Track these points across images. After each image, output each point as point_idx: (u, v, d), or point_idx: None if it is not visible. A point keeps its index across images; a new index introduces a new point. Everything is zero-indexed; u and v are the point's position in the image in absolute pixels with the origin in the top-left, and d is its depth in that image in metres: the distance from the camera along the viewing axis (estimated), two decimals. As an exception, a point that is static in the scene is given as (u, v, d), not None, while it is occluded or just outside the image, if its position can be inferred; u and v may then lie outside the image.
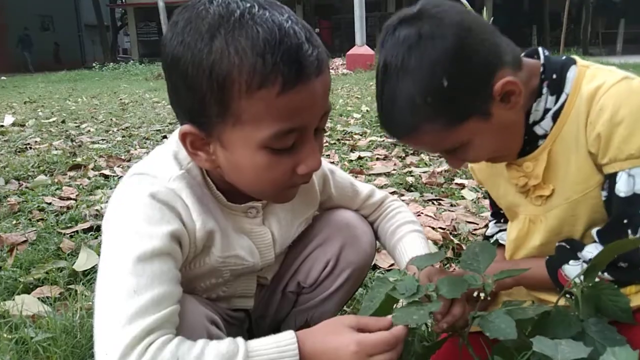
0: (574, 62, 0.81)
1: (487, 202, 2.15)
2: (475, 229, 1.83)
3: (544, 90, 0.80)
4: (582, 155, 0.78)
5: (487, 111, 0.76)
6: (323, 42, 0.74)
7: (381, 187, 2.37)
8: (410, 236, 1.02)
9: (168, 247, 0.72)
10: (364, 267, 1.02)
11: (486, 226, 1.13)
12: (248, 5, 0.69)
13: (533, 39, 16.17)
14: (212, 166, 0.77)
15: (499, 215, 1.05)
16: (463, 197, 2.20)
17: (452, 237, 1.72)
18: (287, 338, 0.70)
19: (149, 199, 0.74)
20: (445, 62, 0.71)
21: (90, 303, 1.23)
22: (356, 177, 2.57)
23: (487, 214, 1.98)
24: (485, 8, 10.67)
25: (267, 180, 0.76)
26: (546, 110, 0.80)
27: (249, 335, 0.96)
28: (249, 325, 1.02)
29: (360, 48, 10.63)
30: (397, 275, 0.80)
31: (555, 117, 0.80)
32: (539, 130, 0.82)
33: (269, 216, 0.90)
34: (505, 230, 1.01)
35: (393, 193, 2.29)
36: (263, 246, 0.90)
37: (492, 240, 1.04)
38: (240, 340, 0.69)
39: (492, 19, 10.24)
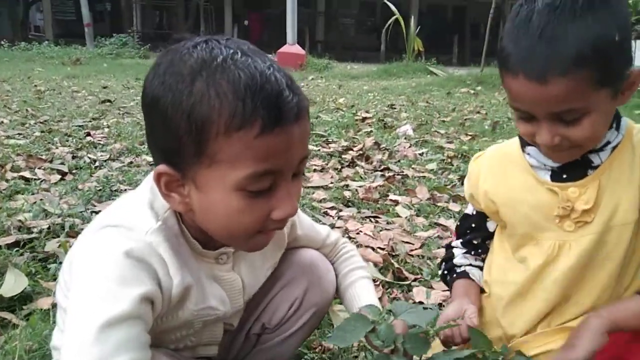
0: None
1: (420, 220, 2.26)
2: (411, 250, 1.91)
3: (614, 124, 0.89)
4: (630, 192, 0.88)
5: (617, 90, 0.82)
6: (253, 37, 0.75)
7: (320, 201, 2.42)
8: (362, 282, 1.07)
9: (138, 310, 0.70)
10: (326, 306, 1.05)
11: (448, 248, 1.15)
12: (231, 51, 0.71)
13: (454, 48, 16.97)
14: (185, 209, 0.76)
15: (471, 245, 1.08)
16: (398, 215, 2.29)
17: (391, 260, 1.78)
18: None
19: (123, 257, 0.72)
20: (625, 21, 0.79)
21: (30, 343, 1.16)
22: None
23: (422, 233, 2.08)
24: (412, 16, 11.09)
25: (240, 225, 0.75)
26: (607, 143, 0.89)
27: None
28: None
29: (292, 47, 10.65)
30: (376, 315, 0.83)
31: (611, 152, 0.89)
32: (595, 159, 0.89)
33: (239, 261, 0.90)
34: (474, 266, 1.06)
35: (332, 208, 2.34)
36: (233, 292, 0.90)
37: (459, 270, 1.07)
38: None
39: (419, 27, 10.62)
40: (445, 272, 1.11)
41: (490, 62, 10.02)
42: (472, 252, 1.09)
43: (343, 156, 3.23)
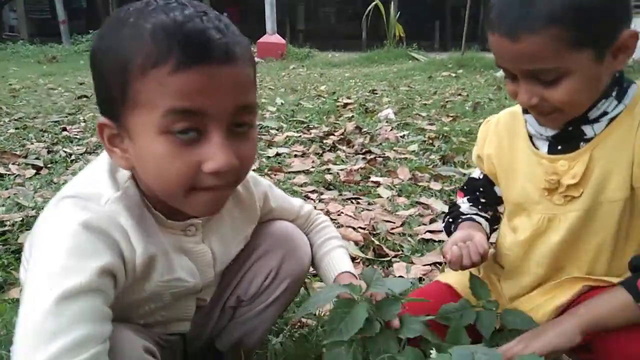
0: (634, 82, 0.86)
1: (401, 199, 2.25)
2: (392, 228, 1.91)
3: (614, 93, 0.84)
4: (622, 169, 0.83)
5: (602, 53, 0.78)
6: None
7: (301, 185, 2.40)
8: (337, 251, 1.07)
9: (96, 283, 0.68)
10: (301, 277, 1.04)
11: (451, 205, 1.14)
12: (168, 1, 0.70)
13: (435, 34, 16.97)
14: (126, 164, 0.75)
15: (477, 202, 1.07)
16: (380, 196, 2.28)
17: (372, 238, 1.77)
18: None
19: (80, 229, 0.69)
20: None
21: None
22: (275, 175, 2.56)
23: (403, 212, 2.07)
24: (392, 3, 11.04)
25: (169, 174, 0.71)
26: (604, 113, 0.84)
27: (184, 357, 0.94)
28: (184, 347, 0.99)
29: (272, 37, 10.54)
30: (356, 293, 0.82)
31: (608, 124, 0.84)
32: (588, 131, 0.85)
33: (209, 234, 0.88)
34: (481, 216, 1.05)
35: (313, 192, 2.32)
36: (203, 265, 0.88)
37: (464, 217, 1.05)
38: None
39: (398, 13, 10.60)
40: (450, 219, 1.08)
41: (471, 45, 10.06)
42: (479, 207, 1.07)
43: (324, 141, 3.21)
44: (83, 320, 0.65)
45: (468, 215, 1.05)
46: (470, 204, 1.08)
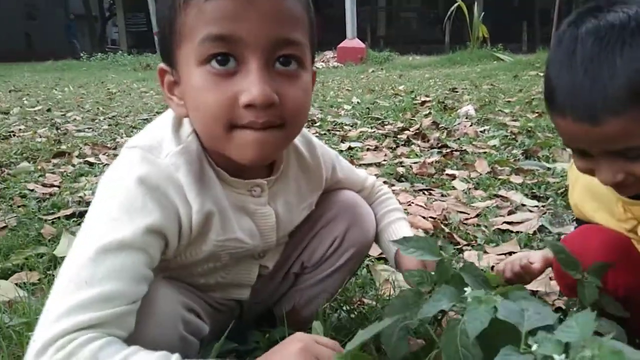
0: None
1: (477, 192, 2.14)
2: (466, 219, 1.81)
3: None
4: None
5: None
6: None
7: (371, 177, 2.35)
8: (399, 223, 1.04)
9: (140, 242, 0.67)
10: (366, 246, 1.02)
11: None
12: None
13: (523, 35, 16.21)
14: (181, 111, 0.75)
15: None
16: (454, 188, 2.18)
17: (442, 226, 1.69)
18: None
19: (135, 183, 0.69)
20: None
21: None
22: (346, 166, 2.54)
23: (479, 204, 1.96)
24: (476, 4, 10.69)
25: (208, 108, 0.69)
26: None
27: (239, 321, 0.93)
28: (240, 311, 0.98)
29: (351, 41, 10.60)
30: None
31: None
32: None
33: (275, 197, 0.86)
34: None
35: (384, 183, 2.26)
36: (266, 228, 0.86)
37: None
38: (175, 356, 0.64)
39: (482, 14, 10.26)
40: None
41: (562, 44, 9.48)
42: None
43: (398, 136, 3.14)
44: (117, 276, 0.65)
45: None
46: None
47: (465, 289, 0.77)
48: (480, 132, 3.17)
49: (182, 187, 0.73)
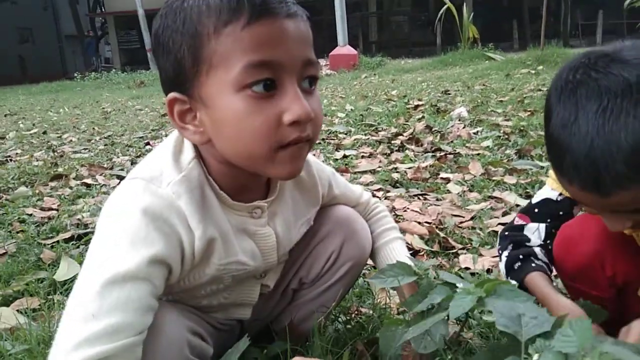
0: None
1: (472, 194, 2.15)
2: (461, 222, 1.82)
3: None
4: None
5: None
6: None
7: (367, 185, 2.37)
8: (395, 243, 1.05)
9: (144, 273, 0.68)
10: (362, 261, 1.02)
11: (513, 229, 1.04)
12: None
13: (514, 33, 16.29)
14: (201, 139, 0.75)
15: (548, 236, 0.99)
16: (449, 191, 2.20)
17: (437, 231, 1.70)
18: None
19: (138, 214, 0.70)
20: None
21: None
22: (342, 175, 2.55)
23: (474, 206, 1.97)
24: (465, 4, 10.76)
25: (253, 132, 0.70)
26: None
27: (240, 338, 0.94)
28: (240, 329, 1.00)
29: (343, 48, 10.65)
30: (421, 269, 0.79)
31: None
32: None
33: (274, 216, 0.88)
34: (545, 263, 0.97)
35: (379, 190, 2.28)
36: (267, 248, 0.87)
37: (535, 266, 0.95)
38: None
39: (472, 14, 10.32)
40: (520, 256, 0.97)
41: (551, 41, 9.54)
42: (549, 246, 0.98)
43: (392, 142, 3.16)
44: (123, 308, 0.66)
45: (540, 264, 0.95)
46: (540, 242, 0.97)
47: (458, 284, 0.79)
48: (474, 133, 3.19)
49: (184, 214, 0.74)
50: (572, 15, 16.49)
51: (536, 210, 1.01)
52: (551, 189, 1.00)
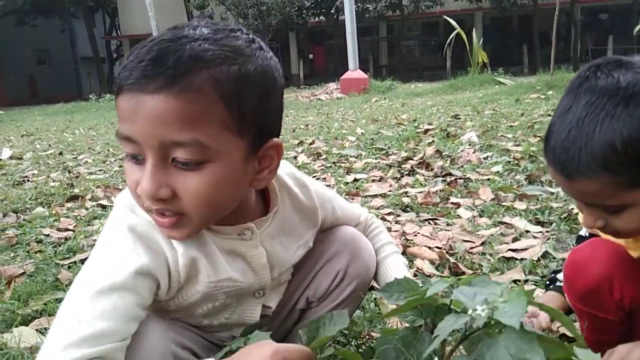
0: None
1: (482, 220, 2.17)
2: (471, 247, 1.84)
3: None
4: None
5: None
6: (318, 68, 0.76)
7: (377, 208, 2.39)
8: (393, 257, 1.09)
9: (131, 284, 0.74)
10: (368, 278, 1.06)
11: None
12: (197, 24, 0.74)
13: (524, 58, 16.40)
14: None
15: None
16: (459, 216, 2.21)
17: (448, 256, 1.72)
18: None
19: (125, 232, 0.77)
20: None
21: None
22: (353, 199, 2.58)
23: (484, 232, 1.99)
24: (475, 29, 10.89)
25: (130, 190, 0.77)
26: None
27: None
28: None
29: (354, 72, 10.78)
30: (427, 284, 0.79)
31: None
32: None
33: (267, 237, 0.91)
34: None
35: (389, 214, 2.31)
36: (258, 267, 0.90)
37: (554, 286, 1.16)
38: None
39: (482, 39, 10.44)
40: (548, 282, 1.20)
41: (561, 66, 9.59)
42: None
43: (402, 166, 3.19)
44: (108, 316, 0.71)
45: (557, 284, 1.12)
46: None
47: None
48: (484, 158, 3.21)
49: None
50: (582, 40, 16.59)
51: (573, 245, 1.15)
52: (583, 227, 1.09)
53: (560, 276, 1.06)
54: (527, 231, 1.94)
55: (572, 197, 0.83)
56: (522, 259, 1.68)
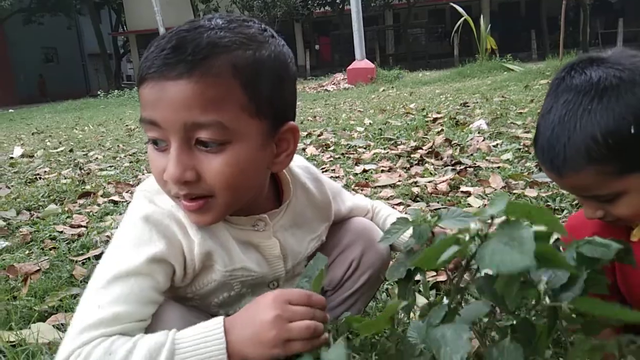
0: None
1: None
2: (482, 236, 1.83)
3: None
4: None
5: None
6: (324, 58, 0.77)
7: (387, 199, 2.39)
8: (392, 215, 1.14)
9: (146, 269, 0.76)
10: (382, 269, 1.07)
11: None
12: (214, 16, 0.79)
13: (532, 44, 16.22)
14: None
15: None
16: (470, 205, 2.20)
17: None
18: (214, 322, 0.73)
19: (140, 221, 0.79)
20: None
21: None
22: (362, 190, 2.58)
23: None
24: (482, 15, 10.77)
25: (155, 177, 0.79)
26: None
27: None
28: None
29: (361, 62, 10.72)
30: (417, 217, 0.77)
31: None
32: None
33: (279, 229, 0.92)
34: None
35: (399, 204, 2.30)
36: (272, 257, 0.92)
37: None
38: (171, 330, 0.73)
39: (489, 26, 10.33)
40: None
41: (570, 51, 9.47)
42: None
43: (412, 156, 3.18)
44: (125, 300, 0.74)
45: None
46: None
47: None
48: (493, 146, 3.19)
49: (183, 224, 0.82)
50: (591, 24, 16.37)
51: None
52: None
53: None
54: (539, 218, 1.93)
55: (568, 191, 0.85)
56: (534, 247, 1.67)
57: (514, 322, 0.66)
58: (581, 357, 0.62)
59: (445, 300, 0.71)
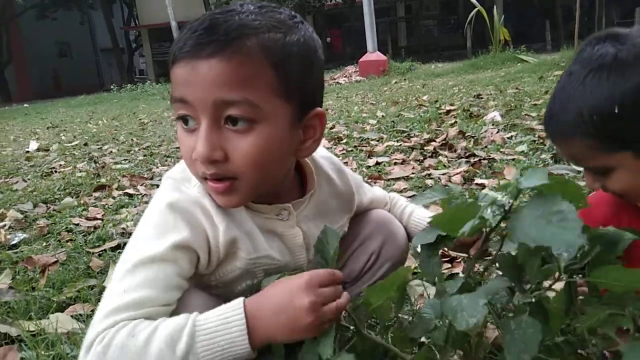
0: None
1: (508, 200, 2.14)
2: (497, 228, 1.82)
3: None
4: None
5: None
6: (334, 51, 0.78)
7: (401, 191, 2.38)
8: (419, 210, 1.14)
9: (170, 256, 0.77)
10: (401, 261, 1.08)
11: None
12: (238, 3, 0.80)
13: (546, 34, 15.99)
14: None
15: None
16: (484, 197, 2.19)
17: (474, 237, 1.71)
18: (234, 304, 0.74)
19: (166, 208, 0.80)
20: (628, 93, 0.74)
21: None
22: (375, 182, 2.58)
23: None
24: (495, 6, 10.65)
25: (184, 157, 0.81)
26: None
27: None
28: None
29: (372, 54, 10.66)
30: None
31: None
32: None
33: (303, 219, 0.93)
34: None
35: (412, 197, 2.29)
36: (294, 247, 0.93)
37: None
38: (193, 313, 0.74)
39: (502, 17, 10.20)
40: None
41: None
42: None
43: (425, 148, 3.16)
44: (149, 285, 0.75)
45: None
46: None
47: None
48: (508, 138, 3.16)
49: (209, 211, 0.82)
50: (607, 14, 16.08)
51: None
52: None
53: None
54: (555, 211, 1.91)
55: (569, 159, 0.90)
56: (550, 239, 1.66)
57: (532, 300, 0.66)
58: (596, 325, 0.62)
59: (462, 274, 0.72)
